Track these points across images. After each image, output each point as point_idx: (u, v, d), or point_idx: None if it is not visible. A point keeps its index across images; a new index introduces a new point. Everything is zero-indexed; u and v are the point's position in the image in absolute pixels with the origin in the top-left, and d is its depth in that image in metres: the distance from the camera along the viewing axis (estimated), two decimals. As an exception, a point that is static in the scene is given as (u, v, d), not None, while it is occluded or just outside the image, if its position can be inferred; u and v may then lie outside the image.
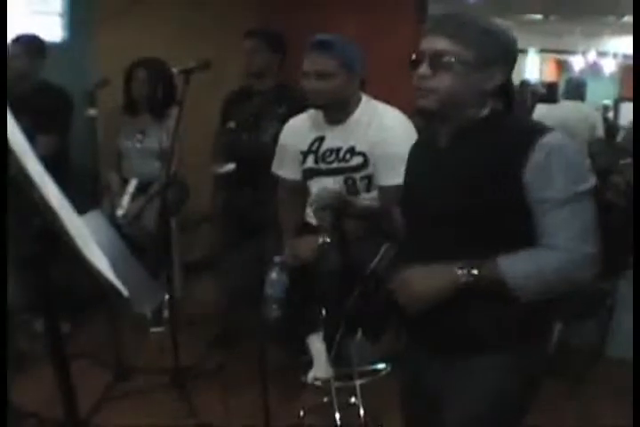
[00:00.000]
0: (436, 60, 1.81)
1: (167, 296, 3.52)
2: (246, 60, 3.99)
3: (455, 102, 1.84)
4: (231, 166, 3.94)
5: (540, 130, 1.81)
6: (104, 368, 3.50)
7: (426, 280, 1.81)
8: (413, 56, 1.87)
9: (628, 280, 3.63)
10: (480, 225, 1.82)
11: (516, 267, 1.76)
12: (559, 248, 1.76)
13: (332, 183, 3.17)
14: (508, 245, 1.79)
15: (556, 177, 1.75)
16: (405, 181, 2.14)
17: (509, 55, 1.88)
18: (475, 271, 1.75)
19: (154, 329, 4.12)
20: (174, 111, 4.13)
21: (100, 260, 1.33)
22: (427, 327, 1.91)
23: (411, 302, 1.82)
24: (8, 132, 1.26)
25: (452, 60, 1.79)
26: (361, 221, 2.05)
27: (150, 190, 4.25)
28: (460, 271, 1.76)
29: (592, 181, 1.81)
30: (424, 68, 1.82)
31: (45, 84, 4.18)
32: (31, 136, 1.41)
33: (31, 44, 4.11)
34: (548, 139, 1.76)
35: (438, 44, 1.82)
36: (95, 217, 1.57)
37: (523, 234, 1.81)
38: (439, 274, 1.80)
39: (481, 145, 1.86)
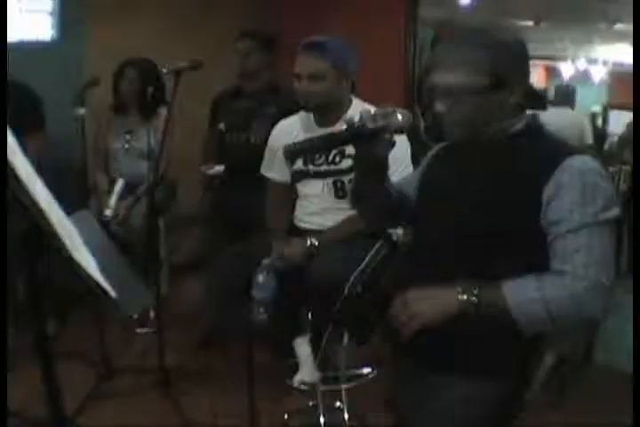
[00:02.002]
0: (447, 96, 1.75)
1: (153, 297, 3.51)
2: (239, 60, 3.97)
3: (478, 127, 1.79)
4: (220, 168, 3.94)
5: (569, 151, 1.73)
6: (90, 368, 3.48)
7: (426, 302, 1.71)
8: (423, 92, 1.82)
9: (623, 287, 3.61)
10: (492, 246, 1.75)
11: (521, 293, 1.66)
12: (572, 275, 1.65)
13: (320, 186, 3.17)
14: (519, 269, 1.70)
15: (577, 199, 1.66)
16: (423, 184, 2.04)
17: (525, 64, 1.82)
18: (476, 292, 1.66)
19: (139, 330, 4.10)
20: (163, 111, 4.13)
21: (88, 260, 1.33)
22: (415, 344, 1.78)
23: (409, 322, 1.71)
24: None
25: (462, 92, 1.72)
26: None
27: (138, 190, 4.24)
28: (460, 295, 1.67)
29: (616, 210, 1.71)
30: (438, 106, 1.77)
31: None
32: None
33: None
34: (575, 161, 1.69)
35: (443, 78, 1.75)
36: (84, 217, 1.57)
37: (536, 259, 1.72)
38: (440, 296, 1.71)
39: (508, 161, 1.78)
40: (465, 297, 1.66)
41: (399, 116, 1.77)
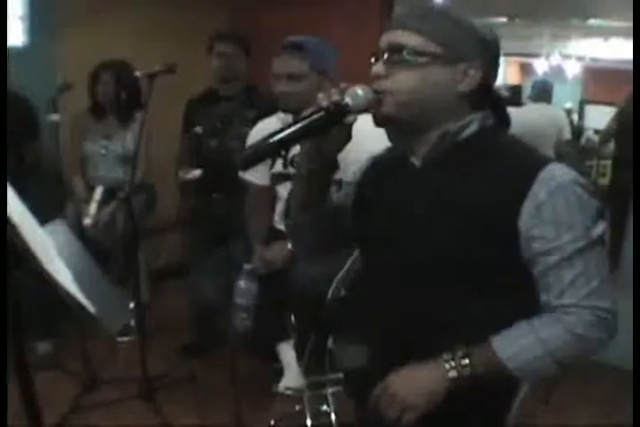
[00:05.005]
0: (393, 56, 1.51)
1: (134, 304, 3.45)
2: (220, 63, 3.90)
3: (422, 107, 1.52)
4: (197, 172, 3.88)
5: (540, 160, 1.50)
6: (72, 380, 3.43)
7: (412, 386, 1.49)
8: (372, 59, 1.57)
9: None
10: (462, 284, 1.52)
11: (517, 347, 1.46)
12: (570, 310, 1.45)
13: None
14: (500, 310, 1.50)
15: (564, 221, 1.44)
16: (361, 205, 1.74)
17: (487, 50, 1.56)
18: (465, 361, 1.46)
19: (120, 339, 4.04)
20: (141, 115, 4.06)
21: (64, 275, 1.28)
22: None
23: (402, 414, 1.49)
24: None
25: (411, 54, 1.48)
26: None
27: (119, 195, 4.15)
28: (447, 365, 1.46)
29: (603, 223, 1.50)
30: (378, 67, 1.52)
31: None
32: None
33: None
34: (551, 173, 1.45)
35: (397, 37, 1.51)
36: (58, 227, 1.52)
37: (519, 295, 1.51)
38: (425, 374, 1.49)
39: (465, 176, 1.53)
40: (455, 374, 1.46)
41: (359, 92, 1.52)
